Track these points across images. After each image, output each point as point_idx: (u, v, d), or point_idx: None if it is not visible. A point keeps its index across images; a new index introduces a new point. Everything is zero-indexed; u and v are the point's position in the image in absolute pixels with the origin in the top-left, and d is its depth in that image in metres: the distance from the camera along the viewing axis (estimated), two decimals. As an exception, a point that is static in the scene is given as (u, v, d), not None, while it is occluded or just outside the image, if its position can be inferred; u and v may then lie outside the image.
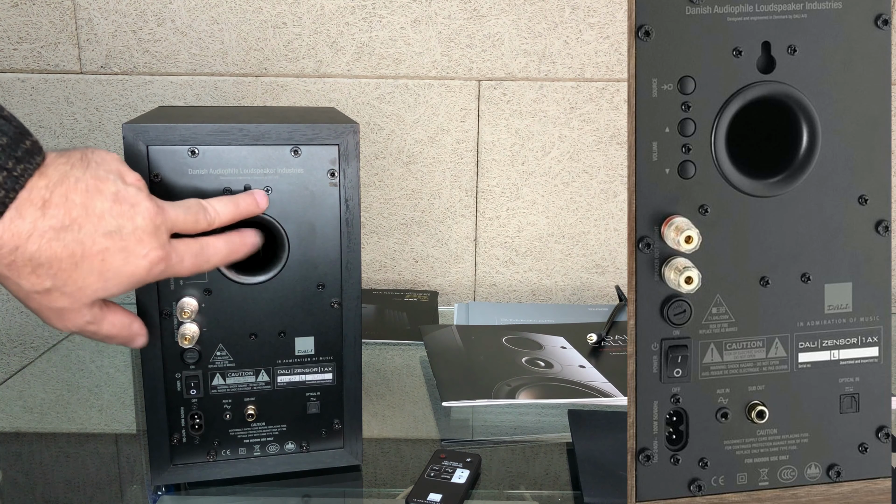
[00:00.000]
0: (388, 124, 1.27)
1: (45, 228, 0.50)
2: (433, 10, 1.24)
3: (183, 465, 0.72)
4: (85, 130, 1.26)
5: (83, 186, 0.53)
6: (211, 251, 0.63)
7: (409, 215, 1.31)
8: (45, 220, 0.50)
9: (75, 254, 0.52)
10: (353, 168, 0.70)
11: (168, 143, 0.66)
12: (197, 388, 0.71)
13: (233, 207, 0.64)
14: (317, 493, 0.74)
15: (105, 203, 0.54)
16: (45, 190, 0.51)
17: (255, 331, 0.72)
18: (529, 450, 0.84)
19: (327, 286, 0.72)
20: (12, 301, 1.31)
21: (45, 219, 0.50)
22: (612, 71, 1.27)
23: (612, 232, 1.32)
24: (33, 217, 0.50)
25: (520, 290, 1.34)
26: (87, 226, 0.52)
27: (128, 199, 0.55)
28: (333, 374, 0.74)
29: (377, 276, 1.34)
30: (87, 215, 0.53)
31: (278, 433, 0.74)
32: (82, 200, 0.53)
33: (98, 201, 0.53)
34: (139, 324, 0.64)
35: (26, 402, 0.94)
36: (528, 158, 1.29)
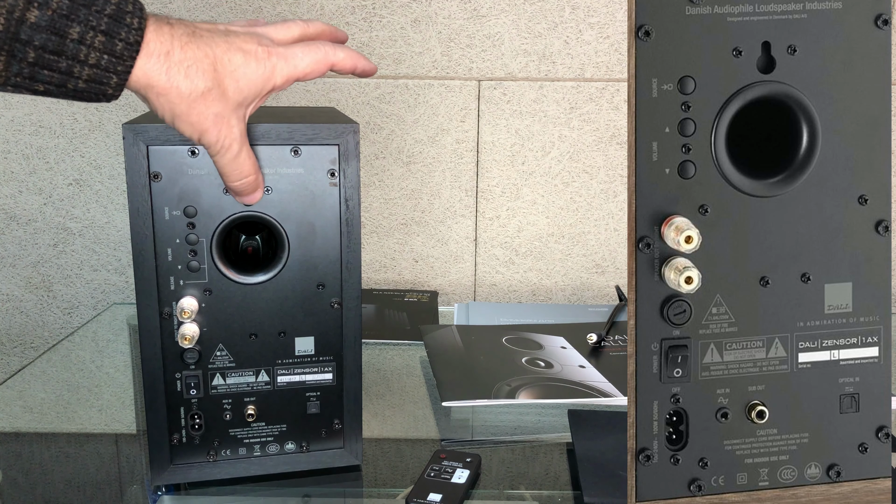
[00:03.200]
0: (388, 124, 1.27)
1: (181, 34, 0.57)
2: (433, 10, 1.24)
3: (183, 465, 0.72)
4: (85, 130, 1.26)
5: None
6: (328, 47, 0.65)
7: (409, 215, 1.31)
8: (177, 30, 0.57)
9: (208, 55, 0.58)
10: (353, 168, 0.70)
11: (168, 143, 0.66)
12: (197, 388, 0.71)
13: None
14: (317, 493, 0.74)
15: (218, 30, 0.61)
16: (165, 21, 0.57)
17: (255, 331, 0.72)
18: (529, 450, 0.84)
19: (327, 286, 0.72)
20: (12, 301, 1.31)
21: (176, 29, 0.57)
22: (612, 71, 1.27)
23: (612, 232, 1.32)
24: (168, 30, 0.57)
25: (520, 290, 1.34)
26: (207, 35, 0.59)
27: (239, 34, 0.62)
28: (333, 374, 0.74)
29: (377, 276, 1.34)
30: (208, 29, 0.60)
31: (278, 433, 0.74)
32: (199, 26, 0.61)
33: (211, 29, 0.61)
34: (262, 178, 0.67)
35: (26, 402, 0.94)
36: (528, 158, 1.29)
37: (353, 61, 0.66)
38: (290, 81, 0.63)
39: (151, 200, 0.67)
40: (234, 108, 0.60)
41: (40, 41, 0.51)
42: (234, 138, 0.61)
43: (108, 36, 0.53)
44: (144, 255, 0.67)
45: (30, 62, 0.52)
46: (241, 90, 0.60)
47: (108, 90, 0.55)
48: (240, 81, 0.60)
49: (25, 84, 0.53)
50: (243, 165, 0.64)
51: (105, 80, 0.55)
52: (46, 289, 1.31)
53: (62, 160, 1.27)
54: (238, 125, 0.61)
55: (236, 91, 0.60)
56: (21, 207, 1.28)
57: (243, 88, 0.60)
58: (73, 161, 1.27)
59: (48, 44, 0.51)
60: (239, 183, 0.65)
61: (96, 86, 0.55)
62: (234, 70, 0.60)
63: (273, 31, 0.64)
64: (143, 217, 0.67)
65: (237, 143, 0.62)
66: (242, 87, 0.60)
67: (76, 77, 0.54)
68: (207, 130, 0.60)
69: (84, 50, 0.53)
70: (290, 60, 0.62)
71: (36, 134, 1.26)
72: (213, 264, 0.69)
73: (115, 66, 0.54)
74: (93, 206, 1.29)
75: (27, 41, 0.51)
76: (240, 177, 0.64)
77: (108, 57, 0.54)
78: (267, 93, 0.63)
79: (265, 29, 0.64)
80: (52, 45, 0.52)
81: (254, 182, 0.66)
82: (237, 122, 0.61)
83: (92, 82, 0.54)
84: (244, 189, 0.66)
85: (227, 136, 0.61)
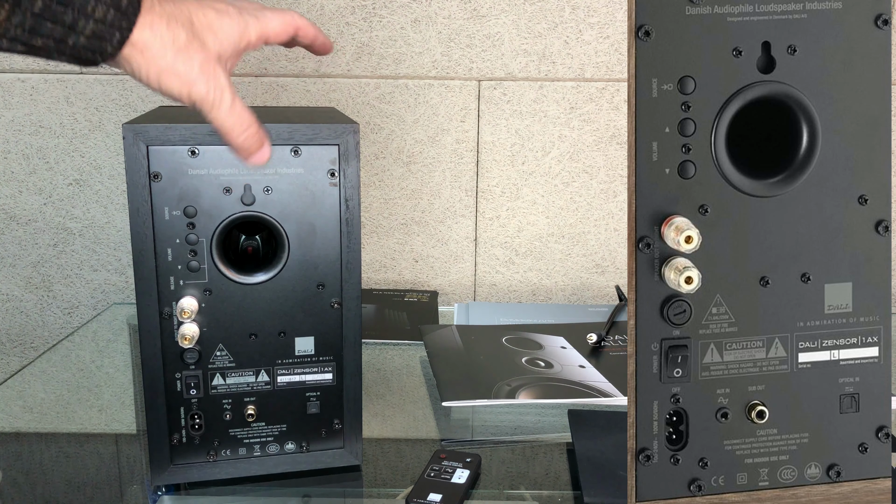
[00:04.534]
0: (388, 124, 1.27)
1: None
2: (433, 10, 1.24)
3: (183, 465, 0.72)
4: (85, 130, 1.26)
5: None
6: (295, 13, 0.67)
7: (409, 215, 1.31)
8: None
9: (183, 11, 0.59)
10: (353, 168, 0.70)
11: (168, 143, 0.66)
12: (197, 388, 0.71)
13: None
14: (317, 493, 0.74)
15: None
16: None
17: (255, 331, 0.72)
18: (529, 450, 0.84)
19: (327, 286, 0.72)
20: (12, 301, 1.31)
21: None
22: (612, 71, 1.27)
23: (612, 232, 1.32)
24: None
25: (520, 290, 1.34)
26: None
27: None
28: (333, 374, 0.74)
29: (377, 276, 1.34)
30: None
31: (278, 433, 0.74)
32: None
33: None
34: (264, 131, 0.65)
35: (26, 402, 0.94)
36: (528, 158, 1.29)
37: (314, 32, 0.68)
38: (261, 40, 0.64)
39: (151, 200, 0.67)
40: (216, 58, 0.60)
41: None
42: (223, 87, 0.60)
43: None
44: (144, 255, 0.68)
45: (35, 13, 0.51)
46: (220, 42, 0.60)
47: (107, 48, 0.54)
48: (217, 34, 0.60)
49: (23, 38, 0.52)
50: (242, 115, 0.62)
51: (108, 37, 0.54)
52: (46, 289, 1.31)
53: (62, 160, 1.27)
54: (224, 75, 0.61)
55: (215, 42, 0.60)
56: (21, 207, 1.28)
57: (222, 40, 0.61)
58: (73, 161, 1.27)
59: None
60: (243, 137, 0.62)
61: (97, 42, 0.54)
62: (210, 24, 0.60)
63: (241, 1, 0.66)
64: (143, 217, 0.67)
65: (228, 92, 0.61)
66: (221, 39, 0.61)
67: (78, 32, 0.53)
68: (195, 82, 0.59)
69: (91, 3, 0.52)
70: (261, 20, 0.64)
71: (36, 134, 1.26)
72: (213, 264, 0.69)
73: (119, 21, 0.54)
74: (93, 206, 1.29)
75: None
76: (242, 128, 0.62)
77: (114, 12, 0.53)
78: (242, 49, 0.63)
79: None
80: None
81: (257, 133, 0.63)
82: (223, 72, 0.61)
83: (94, 38, 0.54)
84: (250, 144, 0.63)
85: (216, 86, 0.60)
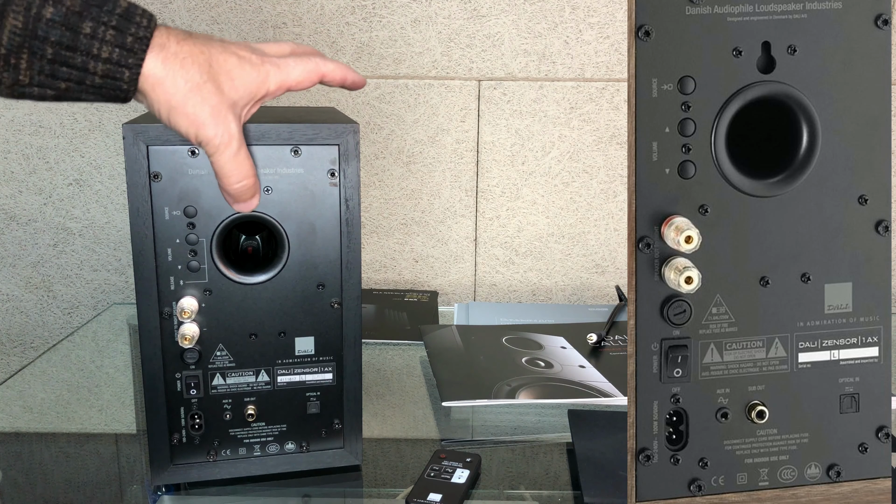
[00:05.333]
0: (388, 124, 1.27)
1: (177, 32, 0.60)
2: (433, 10, 1.24)
3: (183, 465, 0.72)
4: (85, 130, 1.26)
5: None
6: (319, 58, 0.66)
7: (409, 215, 1.31)
8: (174, 30, 0.60)
9: (203, 52, 0.60)
10: (353, 168, 0.70)
11: (168, 143, 0.66)
12: (197, 388, 0.71)
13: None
14: (317, 493, 0.74)
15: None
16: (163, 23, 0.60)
17: (255, 331, 0.72)
18: (529, 450, 0.84)
19: (327, 286, 0.72)
20: (12, 301, 1.31)
21: (172, 29, 0.60)
22: (612, 71, 1.27)
23: (612, 232, 1.32)
24: (166, 29, 0.59)
25: (520, 290, 1.34)
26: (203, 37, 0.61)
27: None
28: (333, 374, 0.74)
29: (377, 276, 1.34)
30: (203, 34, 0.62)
31: (278, 433, 0.74)
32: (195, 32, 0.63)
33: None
34: (258, 184, 0.67)
35: (26, 402, 0.94)
36: (528, 158, 1.29)
37: (342, 73, 0.67)
38: (282, 89, 0.64)
39: (151, 200, 0.67)
40: (230, 105, 0.60)
41: (56, 37, 0.53)
42: (232, 135, 0.61)
43: (119, 31, 0.55)
44: (144, 255, 0.68)
45: (49, 59, 0.54)
46: (236, 88, 0.60)
47: (122, 85, 0.56)
48: (235, 80, 0.60)
49: (48, 83, 0.55)
50: (243, 165, 0.63)
51: (118, 76, 0.56)
52: (46, 289, 1.31)
53: (62, 160, 1.27)
54: (235, 123, 0.61)
55: (232, 89, 0.60)
56: (21, 207, 1.28)
57: (238, 87, 0.60)
58: (73, 161, 1.27)
59: (63, 39, 0.53)
60: (238, 185, 0.63)
61: (111, 81, 0.56)
62: (229, 70, 0.60)
63: (264, 46, 0.66)
64: (143, 217, 0.67)
65: (236, 140, 0.61)
66: (238, 86, 0.60)
67: (91, 73, 0.55)
68: (205, 124, 0.59)
69: (96, 44, 0.55)
70: (283, 69, 0.63)
71: (36, 134, 1.26)
72: (213, 264, 0.69)
73: (125, 59, 0.56)
74: (93, 206, 1.29)
75: (44, 38, 0.53)
76: (239, 178, 0.63)
77: (120, 50, 0.55)
78: (260, 98, 0.63)
79: (257, 44, 0.66)
80: (66, 41, 0.54)
81: (252, 186, 0.65)
82: (234, 119, 0.61)
83: (107, 77, 0.56)
84: (242, 193, 0.64)
85: (224, 131, 0.60)
